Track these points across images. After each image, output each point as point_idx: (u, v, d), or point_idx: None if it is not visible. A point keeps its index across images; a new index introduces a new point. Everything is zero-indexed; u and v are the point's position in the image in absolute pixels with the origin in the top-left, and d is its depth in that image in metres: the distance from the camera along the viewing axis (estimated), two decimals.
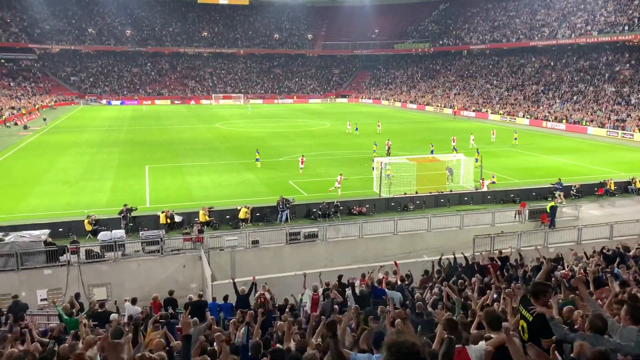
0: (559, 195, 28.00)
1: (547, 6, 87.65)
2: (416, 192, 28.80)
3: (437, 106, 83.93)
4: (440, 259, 16.96)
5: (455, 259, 16.54)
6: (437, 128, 59.80)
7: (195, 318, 11.84)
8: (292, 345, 8.30)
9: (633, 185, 30.77)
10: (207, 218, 24.10)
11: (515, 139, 48.29)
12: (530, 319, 5.70)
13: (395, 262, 16.42)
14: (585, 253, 17.85)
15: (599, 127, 55.98)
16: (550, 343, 5.65)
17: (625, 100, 59.52)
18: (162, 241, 20.47)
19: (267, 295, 13.87)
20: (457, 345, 5.47)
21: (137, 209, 24.13)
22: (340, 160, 39.58)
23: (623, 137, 52.08)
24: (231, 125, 64.02)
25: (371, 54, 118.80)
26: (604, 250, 17.38)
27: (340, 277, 14.31)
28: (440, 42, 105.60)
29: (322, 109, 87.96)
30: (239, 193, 29.87)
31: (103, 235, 20.48)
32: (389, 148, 39.83)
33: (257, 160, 37.63)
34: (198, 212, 24.18)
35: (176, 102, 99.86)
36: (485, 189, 29.50)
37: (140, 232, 21.65)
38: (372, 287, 13.22)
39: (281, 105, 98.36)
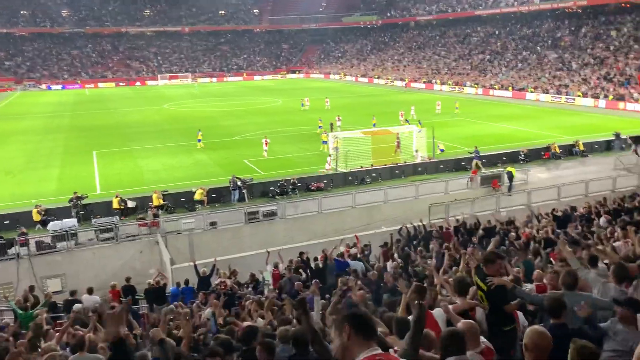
0: (476, 164, 28.10)
1: None
2: (372, 165, 29.05)
3: (388, 79, 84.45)
4: (400, 228, 17.22)
5: (415, 227, 16.84)
6: (388, 101, 60.22)
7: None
8: (260, 322, 8.27)
9: (577, 147, 32.02)
10: (162, 202, 23.56)
11: (457, 108, 49.22)
12: (486, 288, 5.86)
13: (356, 236, 16.59)
14: (534, 214, 18.56)
15: (543, 93, 57.78)
16: (512, 307, 5.83)
17: (567, 66, 61.57)
18: (116, 228, 19.92)
19: (228, 282, 13.75)
20: None
21: (87, 197, 23.32)
22: (295, 137, 39.35)
23: (566, 101, 53.98)
24: (180, 106, 62.46)
25: (319, 28, 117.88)
26: (554, 212, 18.11)
27: (301, 253, 14.34)
28: (388, 14, 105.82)
29: (273, 86, 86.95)
30: (192, 175, 29.31)
31: (53, 225, 19.73)
32: (331, 125, 38.64)
33: (199, 141, 36.69)
34: (151, 197, 23.59)
35: (121, 84, 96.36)
36: (419, 160, 29.70)
37: (93, 220, 20.98)
38: (325, 262, 13.34)
39: (230, 83, 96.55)
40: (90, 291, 13.74)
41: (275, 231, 21.84)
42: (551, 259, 10.79)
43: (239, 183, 25.05)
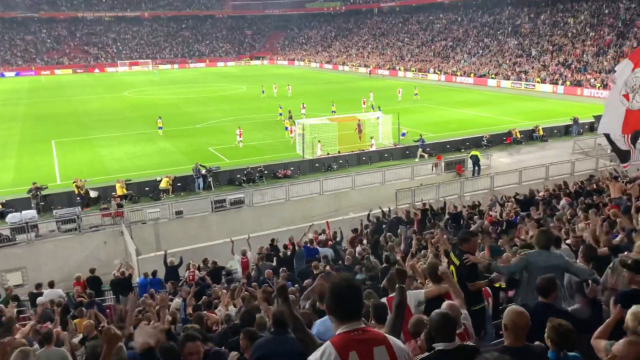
0: (420, 152, 28.48)
1: None
2: (339, 152, 29.12)
3: (353, 66, 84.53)
4: (369, 214, 17.36)
5: (383, 213, 17.00)
6: (353, 87, 60.35)
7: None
8: (232, 310, 8.22)
9: (537, 132, 32.85)
10: (125, 191, 23.05)
11: (416, 94, 49.68)
12: (458, 263, 5.98)
13: (327, 222, 16.63)
14: (496, 198, 19.00)
15: (504, 79, 58.93)
16: (477, 286, 5.96)
17: (526, 53, 62.89)
18: (78, 218, 19.41)
19: (197, 273, 13.62)
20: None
21: (47, 187, 22.61)
22: (261, 124, 39.02)
23: (526, 87, 55.23)
24: (141, 93, 61.03)
25: (283, 14, 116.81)
26: (516, 196, 18.57)
27: (273, 240, 14.31)
28: (351, 1, 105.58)
29: (237, 72, 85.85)
30: (156, 163, 28.78)
31: (12, 217, 19.09)
32: (289, 112, 37.50)
33: (159, 128, 36.09)
34: (114, 186, 23.05)
35: (78, 70, 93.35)
36: (373, 148, 29.70)
37: (54, 211, 20.39)
38: (293, 249, 13.34)
39: (193, 70, 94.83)
40: (51, 284, 13.36)
41: (243, 219, 21.72)
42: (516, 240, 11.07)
43: (203, 171, 24.74)
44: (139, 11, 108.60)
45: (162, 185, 23.64)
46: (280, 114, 38.84)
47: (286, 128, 33.89)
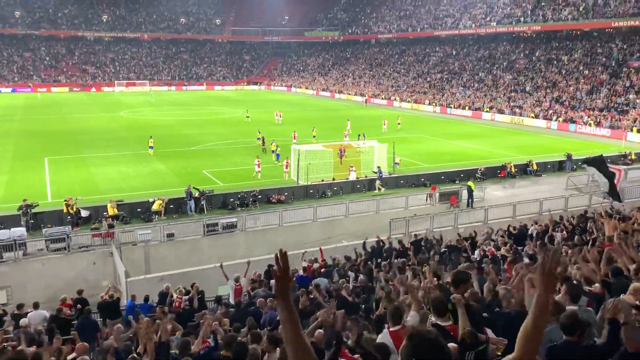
0: (378, 184, 28.26)
1: None
2: (333, 179, 29.08)
3: (349, 94, 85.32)
4: (364, 242, 17.19)
5: (378, 242, 16.85)
6: (349, 115, 60.71)
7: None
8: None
9: (530, 167, 33.03)
10: (116, 211, 22.79)
11: (399, 123, 50.29)
12: (450, 307, 5.84)
13: (320, 249, 16.45)
14: (492, 230, 18.93)
15: (498, 113, 59.56)
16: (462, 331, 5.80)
17: (521, 88, 63.75)
18: (68, 238, 19.11)
19: (184, 298, 13.34)
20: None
21: (38, 205, 22.32)
22: (257, 148, 39.04)
23: (520, 122, 55.79)
24: (137, 114, 61.09)
25: (282, 41, 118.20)
26: (510, 229, 18.53)
27: (270, 266, 14.08)
28: (350, 31, 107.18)
29: (234, 96, 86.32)
30: (149, 184, 28.59)
31: (0, 234, 18.75)
32: (263, 139, 38.31)
33: (150, 147, 36.11)
34: (106, 206, 22.80)
35: (75, 89, 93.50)
36: (352, 177, 29.35)
37: (43, 230, 20.07)
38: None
39: (190, 92, 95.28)
40: (36, 305, 13.00)
41: (235, 244, 21.50)
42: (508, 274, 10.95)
43: (196, 194, 24.57)
44: (138, 32, 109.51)
45: (155, 207, 23.43)
46: (259, 139, 38.92)
47: (272, 151, 34.28)
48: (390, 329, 5.29)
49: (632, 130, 45.25)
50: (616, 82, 54.99)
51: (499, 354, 6.29)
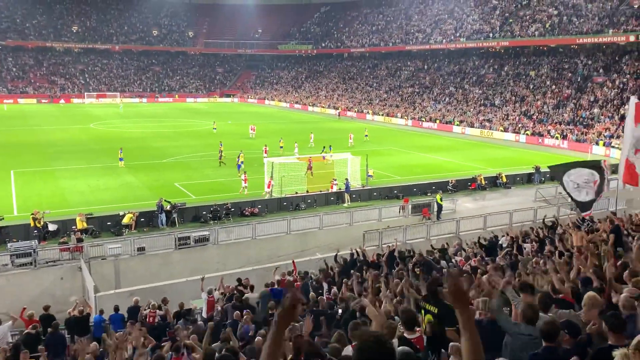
0: (347, 197, 28.30)
1: (421, 13, 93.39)
2: (307, 191, 29.09)
3: (322, 107, 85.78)
4: (336, 255, 17.21)
5: (352, 254, 16.88)
6: (322, 128, 61.02)
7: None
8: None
9: (500, 179, 33.65)
10: (86, 225, 22.33)
11: (366, 135, 50.95)
12: (436, 311, 5.90)
13: (293, 261, 16.39)
14: (461, 241, 19.17)
15: (469, 126, 60.65)
16: (454, 333, 5.88)
17: (490, 102, 65.09)
18: (35, 252, 18.60)
19: (159, 312, 13.14)
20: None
21: (3, 219, 21.71)
22: (230, 160, 38.79)
23: (490, 135, 56.89)
24: (107, 126, 60.17)
25: (255, 54, 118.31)
26: (480, 240, 18.78)
27: (239, 280, 13.98)
28: (323, 45, 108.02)
29: (207, 109, 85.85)
30: (119, 197, 28.12)
31: None
32: (220, 152, 37.81)
33: (120, 159, 35.65)
34: (75, 220, 22.32)
35: (43, 100, 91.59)
36: (334, 189, 29.43)
37: (9, 244, 19.50)
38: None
39: (162, 104, 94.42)
40: None
41: (208, 257, 21.26)
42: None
43: (167, 207, 24.26)
44: (109, 44, 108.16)
45: (125, 220, 23.04)
46: (221, 151, 38.71)
47: (239, 165, 34.00)
48: (353, 344, 5.32)
49: (597, 143, 46.58)
50: (581, 96, 56.66)
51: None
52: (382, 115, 73.50)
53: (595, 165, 14.80)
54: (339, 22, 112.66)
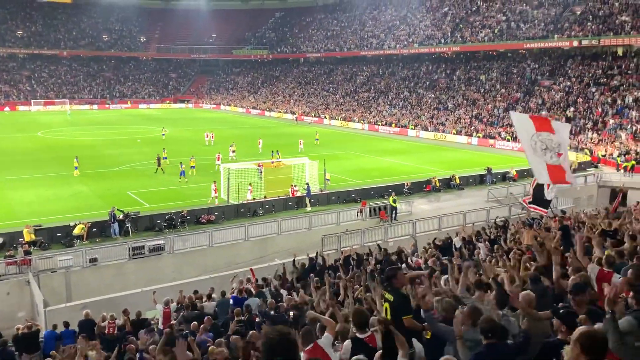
0: (307, 201, 28.49)
1: (375, 19, 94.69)
2: (265, 197, 28.92)
3: (279, 112, 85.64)
4: (294, 260, 17.15)
5: (310, 259, 16.86)
6: (279, 133, 60.90)
7: None
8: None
9: (454, 181, 34.41)
10: (34, 237, 21.47)
11: (317, 139, 51.68)
12: (392, 298, 5.96)
13: (251, 269, 16.23)
14: (416, 242, 19.47)
15: (423, 130, 61.79)
16: (411, 322, 5.98)
17: (443, 106, 66.56)
18: None
19: (118, 322, 12.76)
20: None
21: None
22: (173, 168, 38.12)
23: (443, 138, 58.13)
24: (56, 134, 58.17)
25: (210, 59, 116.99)
26: (436, 241, 19.13)
27: (195, 291, 13.74)
28: (279, 50, 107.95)
29: (160, 115, 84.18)
30: (70, 207, 27.18)
31: None
32: (158, 158, 36.96)
33: (75, 168, 34.77)
34: (22, 232, 21.42)
35: None
36: (296, 194, 29.37)
37: None
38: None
39: (114, 111, 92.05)
40: None
41: (163, 267, 20.82)
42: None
43: (120, 216, 23.62)
44: (57, 49, 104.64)
45: (76, 231, 22.28)
46: (165, 157, 38.24)
47: (182, 172, 33.71)
48: (305, 349, 5.30)
49: None
50: (530, 99, 58.67)
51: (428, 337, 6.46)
52: (339, 119, 73.99)
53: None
54: (294, 27, 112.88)
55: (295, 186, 29.91)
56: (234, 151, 41.71)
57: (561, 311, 5.30)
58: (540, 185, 15.48)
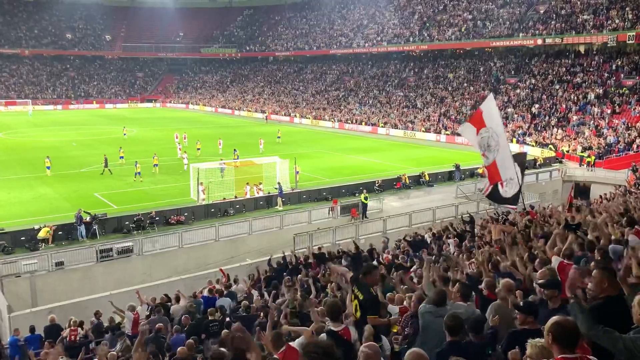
0: (279, 201, 28.25)
1: (343, 17, 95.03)
2: (235, 197, 28.70)
3: (249, 111, 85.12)
4: (269, 259, 17.07)
5: (284, 258, 16.83)
6: (250, 132, 60.55)
7: None
8: None
9: (423, 178, 34.80)
10: None
11: (279, 137, 52.03)
12: (362, 297, 6.03)
13: (221, 269, 16.10)
14: (387, 240, 19.65)
15: (392, 128, 62.32)
16: (376, 321, 6.06)
17: (412, 104, 67.24)
18: None
19: (80, 331, 12.47)
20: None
21: None
22: (151, 168, 37.61)
23: (413, 136, 58.75)
24: (19, 135, 56.58)
25: (177, 57, 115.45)
26: (406, 238, 19.34)
27: (165, 295, 13.56)
28: (247, 48, 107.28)
29: (127, 115, 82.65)
30: (34, 210, 26.47)
31: None
32: (105, 159, 36.27)
33: (47, 168, 34.40)
34: None
35: None
36: (255, 195, 28.99)
37: None
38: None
39: (79, 111, 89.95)
40: None
41: (132, 269, 20.48)
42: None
43: (87, 218, 23.12)
44: (18, 48, 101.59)
45: (41, 234, 21.70)
46: (122, 157, 38.52)
47: (137, 173, 33.75)
48: (276, 354, 5.29)
49: (511, 141, 49.29)
50: (496, 97, 59.70)
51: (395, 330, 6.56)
52: (310, 118, 74.00)
53: (519, 158, 15.41)
54: (262, 25, 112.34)
55: (259, 184, 29.63)
56: (198, 149, 41.86)
57: (521, 303, 5.45)
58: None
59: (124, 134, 53.00)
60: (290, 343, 5.51)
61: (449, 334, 4.99)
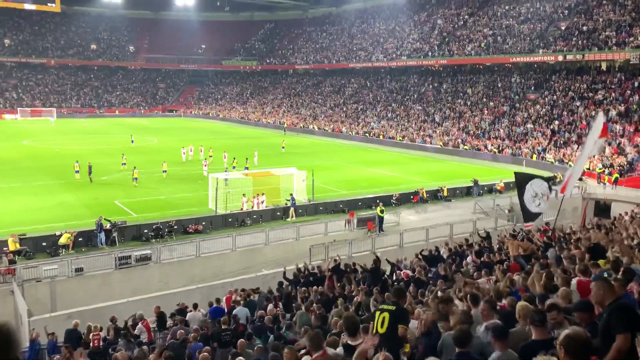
0: (291, 212, 28.29)
1: (363, 32, 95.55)
2: (252, 207, 28.89)
3: (268, 122, 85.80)
4: (284, 271, 17.10)
5: (298, 270, 16.85)
6: (268, 143, 60.95)
7: None
8: None
9: (441, 192, 34.65)
10: (18, 246, 21.25)
11: (283, 147, 53.29)
12: (394, 308, 6.13)
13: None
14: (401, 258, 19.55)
15: (410, 141, 62.21)
16: (405, 330, 6.14)
17: (430, 118, 67.11)
18: None
19: (102, 334, 12.66)
20: None
21: None
22: (173, 177, 38.06)
23: (431, 150, 58.55)
24: (43, 142, 57.70)
25: (199, 69, 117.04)
26: (422, 252, 19.24)
27: (179, 304, 13.70)
28: (268, 61, 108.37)
29: (148, 125, 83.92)
30: (56, 217, 26.94)
31: None
32: (89, 167, 36.70)
33: (76, 172, 36.09)
34: (6, 241, 21.19)
35: None
36: (254, 208, 28.94)
37: None
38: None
39: (101, 120, 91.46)
40: None
41: (150, 277, 20.68)
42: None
43: (107, 226, 23.47)
44: (44, 58, 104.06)
45: (62, 240, 22.08)
46: (124, 164, 40.06)
47: (134, 179, 34.84)
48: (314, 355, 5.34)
49: (532, 157, 48.86)
50: (516, 113, 59.36)
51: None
52: (328, 130, 74.23)
53: (551, 181, 15.66)
54: (283, 39, 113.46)
55: (259, 195, 29.57)
56: (210, 156, 44.02)
57: (532, 311, 5.45)
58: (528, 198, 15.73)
59: (132, 142, 54.67)
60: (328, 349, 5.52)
61: (458, 346, 5.01)
